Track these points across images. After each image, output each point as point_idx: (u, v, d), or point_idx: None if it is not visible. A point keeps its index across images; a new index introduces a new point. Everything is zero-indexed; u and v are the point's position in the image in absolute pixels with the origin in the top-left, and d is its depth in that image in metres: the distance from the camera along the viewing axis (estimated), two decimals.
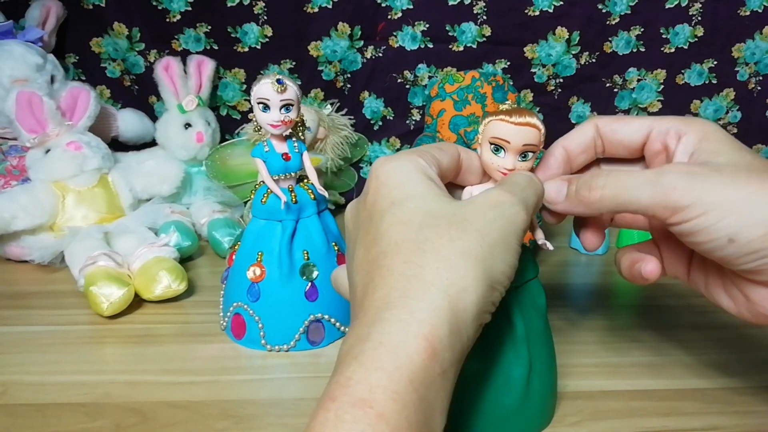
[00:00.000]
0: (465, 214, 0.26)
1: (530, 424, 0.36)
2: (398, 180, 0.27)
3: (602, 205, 0.30)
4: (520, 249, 0.27)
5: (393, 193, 0.27)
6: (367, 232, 0.27)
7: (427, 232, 0.25)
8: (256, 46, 0.78)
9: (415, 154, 0.28)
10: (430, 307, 0.23)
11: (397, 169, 0.27)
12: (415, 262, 0.24)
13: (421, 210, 0.26)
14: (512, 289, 0.34)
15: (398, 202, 0.26)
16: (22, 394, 0.39)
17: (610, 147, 0.34)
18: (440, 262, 0.24)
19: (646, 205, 0.28)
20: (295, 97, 0.42)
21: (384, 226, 0.26)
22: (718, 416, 0.38)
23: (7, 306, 0.52)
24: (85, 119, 0.66)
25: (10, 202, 0.59)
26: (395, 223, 0.26)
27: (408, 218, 0.26)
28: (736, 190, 0.27)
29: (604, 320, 0.52)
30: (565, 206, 0.32)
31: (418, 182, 0.27)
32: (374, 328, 0.23)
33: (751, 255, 0.27)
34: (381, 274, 0.25)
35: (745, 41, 0.79)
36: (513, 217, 0.27)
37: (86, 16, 0.76)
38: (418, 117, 0.84)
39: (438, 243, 0.25)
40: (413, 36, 0.79)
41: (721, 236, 0.27)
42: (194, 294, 0.55)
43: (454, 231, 0.25)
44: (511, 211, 0.27)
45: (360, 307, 0.25)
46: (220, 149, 0.74)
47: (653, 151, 0.33)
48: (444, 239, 0.25)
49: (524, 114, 0.31)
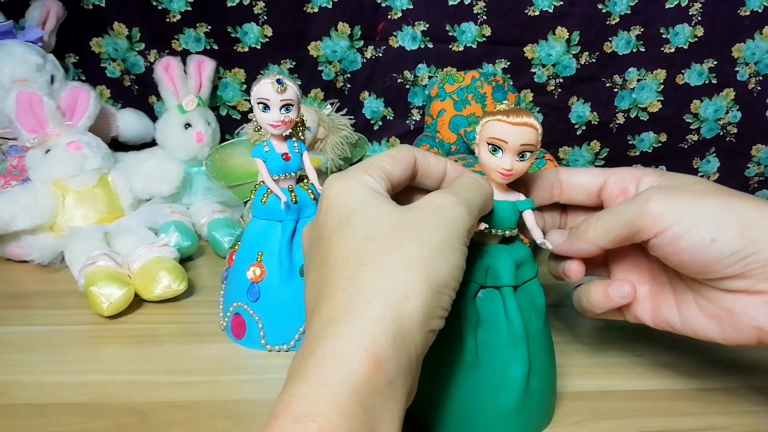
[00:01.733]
0: (405, 221, 0.26)
1: (530, 424, 0.36)
2: (345, 198, 0.28)
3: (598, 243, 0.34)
4: (465, 249, 0.28)
5: (340, 211, 0.27)
6: (317, 252, 0.28)
7: (368, 245, 0.26)
8: (256, 46, 0.78)
9: (363, 170, 0.29)
10: (371, 318, 0.23)
11: (345, 188, 0.28)
12: (357, 276, 0.25)
13: (364, 224, 0.26)
14: (512, 289, 0.34)
15: (344, 219, 0.27)
16: (22, 394, 0.39)
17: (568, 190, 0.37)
18: (380, 274, 0.25)
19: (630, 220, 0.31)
20: (295, 97, 0.42)
21: (332, 245, 0.27)
22: (718, 416, 0.38)
23: (7, 306, 0.52)
24: (85, 119, 0.66)
25: (10, 202, 0.59)
26: (341, 241, 0.26)
27: (352, 234, 0.26)
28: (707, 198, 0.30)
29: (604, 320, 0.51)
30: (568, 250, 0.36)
31: (363, 198, 0.28)
32: (318, 344, 0.23)
33: (735, 255, 0.29)
34: (327, 293, 0.25)
35: (745, 41, 0.79)
36: (454, 218, 0.27)
37: (86, 16, 0.76)
38: (418, 117, 0.84)
39: (378, 255, 0.25)
40: (413, 36, 0.79)
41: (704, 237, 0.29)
42: (194, 294, 0.55)
43: (394, 240, 0.25)
44: (452, 212, 0.27)
45: (308, 325, 0.26)
46: (220, 149, 0.74)
47: (611, 195, 0.35)
48: (384, 250, 0.25)
49: (522, 114, 0.31)
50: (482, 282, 0.34)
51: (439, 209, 0.27)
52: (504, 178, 0.32)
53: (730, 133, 0.85)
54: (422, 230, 0.26)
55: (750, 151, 0.86)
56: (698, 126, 0.84)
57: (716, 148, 0.86)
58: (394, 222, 0.26)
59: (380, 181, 0.29)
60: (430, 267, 0.25)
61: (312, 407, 0.21)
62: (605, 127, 0.84)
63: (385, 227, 0.26)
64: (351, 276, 0.25)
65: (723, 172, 0.87)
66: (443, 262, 0.26)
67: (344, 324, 0.24)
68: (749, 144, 0.86)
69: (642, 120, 0.84)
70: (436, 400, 0.35)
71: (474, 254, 0.34)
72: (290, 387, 0.22)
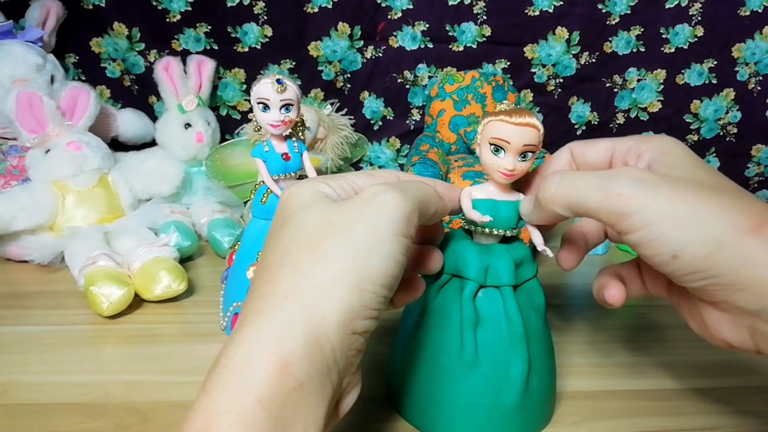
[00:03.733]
0: (332, 216, 0.25)
1: (529, 423, 0.36)
2: (291, 200, 0.27)
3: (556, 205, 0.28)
4: (403, 240, 0.25)
5: (282, 213, 0.26)
6: None
7: (291, 247, 0.24)
8: (256, 46, 0.78)
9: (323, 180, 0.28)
10: (280, 320, 0.22)
11: (296, 191, 0.27)
12: (276, 279, 0.24)
13: (295, 226, 0.25)
14: (511, 289, 0.34)
15: (281, 222, 0.26)
16: (22, 394, 0.39)
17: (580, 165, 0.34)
18: (296, 274, 0.23)
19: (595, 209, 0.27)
20: (295, 97, 0.42)
21: (266, 249, 0.26)
22: (718, 416, 0.38)
23: (7, 306, 0.52)
24: (85, 119, 0.66)
25: (10, 202, 0.59)
26: (272, 243, 0.26)
27: (281, 237, 0.25)
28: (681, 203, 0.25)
29: (604, 320, 0.52)
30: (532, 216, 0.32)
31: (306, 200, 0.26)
32: (223, 353, 0.22)
33: (696, 274, 0.26)
34: (248, 299, 0.24)
35: (745, 41, 0.79)
36: (384, 206, 0.25)
37: (86, 16, 0.76)
38: (418, 117, 0.84)
39: (298, 255, 0.24)
40: (413, 36, 0.79)
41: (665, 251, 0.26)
42: (194, 294, 0.55)
43: (316, 239, 0.24)
44: (381, 201, 0.25)
45: None
46: (220, 149, 0.74)
47: None
48: (304, 250, 0.24)
49: (524, 114, 0.31)
50: (482, 281, 0.34)
51: (367, 200, 0.25)
52: (506, 178, 0.32)
53: (730, 133, 0.85)
54: (346, 225, 0.24)
55: (750, 151, 0.86)
56: (698, 126, 0.84)
57: (716, 148, 0.86)
58: (320, 219, 0.25)
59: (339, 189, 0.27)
60: (350, 263, 0.24)
61: (210, 420, 0.20)
62: (605, 127, 0.84)
63: (311, 226, 0.25)
64: (270, 279, 0.24)
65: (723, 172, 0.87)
66: (369, 256, 0.24)
67: (250, 328, 0.22)
68: (749, 144, 0.86)
69: (642, 120, 0.84)
70: (436, 399, 0.35)
71: (474, 254, 0.34)
72: (195, 402, 0.21)
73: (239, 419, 0.20)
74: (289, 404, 0.21)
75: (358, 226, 0.24)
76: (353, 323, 0.24)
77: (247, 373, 0.21)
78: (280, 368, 0.21)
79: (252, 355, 0.21)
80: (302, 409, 0.22)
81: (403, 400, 0.37)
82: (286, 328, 0.22)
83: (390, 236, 0.25)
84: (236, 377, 0.21)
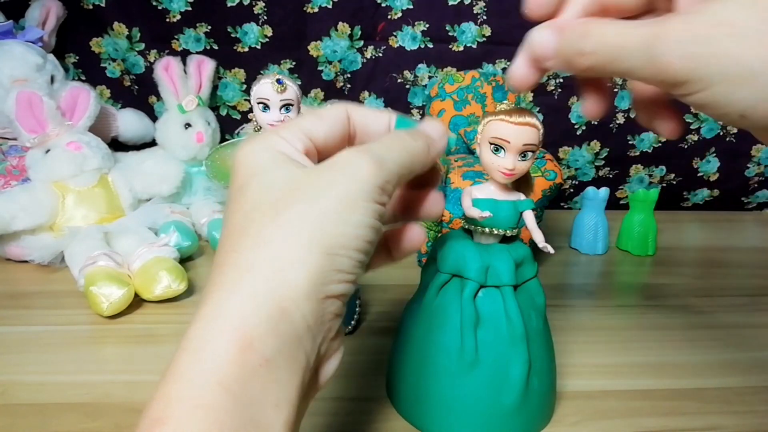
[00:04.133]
0: (298, 182, 0.23)
1: (530, 423, 0.36)
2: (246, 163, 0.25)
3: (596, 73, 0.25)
4: (376, 207, 0.24)
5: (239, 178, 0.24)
6: None
7: (254, 214, 0.23)
8: (256, 46, 0.78)
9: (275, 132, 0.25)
10: (241, 294, 0.21)
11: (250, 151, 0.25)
12: (238, 249, 0.22)
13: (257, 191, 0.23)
14: (512, 289, 0.34)
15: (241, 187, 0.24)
16: (22, 394, 0.39)
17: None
18: (260, 244, 0.22)
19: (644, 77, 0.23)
20: (295, 97, 0.42)
21: (226, 217, 0.24)
22: (718, 416, 0.38)
23: (7, 306, 0.52)
24: (85, 119, 0.66)
25: (10, 202, 0.59)
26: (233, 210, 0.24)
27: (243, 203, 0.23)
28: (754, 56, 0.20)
29: (604, 320, 0.52)
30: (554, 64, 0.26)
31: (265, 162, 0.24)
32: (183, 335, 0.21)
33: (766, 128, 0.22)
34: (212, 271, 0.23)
35: None
36: (356, 173, 0.23)
37: (86, 16, 0.76)
38: (418, 117, 0.84)
39: (261, 222, 0.22)
40: (413, 36, 0.79)
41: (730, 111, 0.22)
42: (194, 294, 0.55)
43: (280, 205, 0.22)
44: (353, 168, 0.23)
45: None
46: (220, 149, 0.73)
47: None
48: (267, 217, 0.22)
49: (524, 114, 0.31)
50: (482, 281, 0.34)
51: (337, 165, 0.24)
52: (506, 177, 0.32)
53: (730, 133, 0.85)
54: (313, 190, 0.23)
55: (750, 151, 0.86)
56: (698, 126, 0.84)
57: (716, 148, 0.86)
58: (285, 185, 0.23)
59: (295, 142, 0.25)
60: (318, 230, 0.22)
61: (165, 408, 0.19)
62: (605, 127, 0.84)
63: (276, 192, 0.23)
64: (232, 249, 0.22)
65: (723, 172, 0.87)
66: (337, 221, 0.22)
67: (209, 305, 0.21)
68: (749, 144, 0.86)
69: None
70: (437, 399, 0.35)
71: (474, 254, 0.34)
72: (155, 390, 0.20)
73: (198, 404, 0.19)
74: (255, 382, 0.20)
75: (326, 193, 0.23)
76: (326, 287, 0.22)
77: (206, 354, 0.20)
78: (242, 346, 0.20)
79: (212, 334, 0.20)
80: (271, 385, 0.20)
81: (404, 400, 0.37)
82: (248, 302, 0.21)
83: (362, 203, 0.23)
84: (194, 360, 0.20)
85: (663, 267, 0.66)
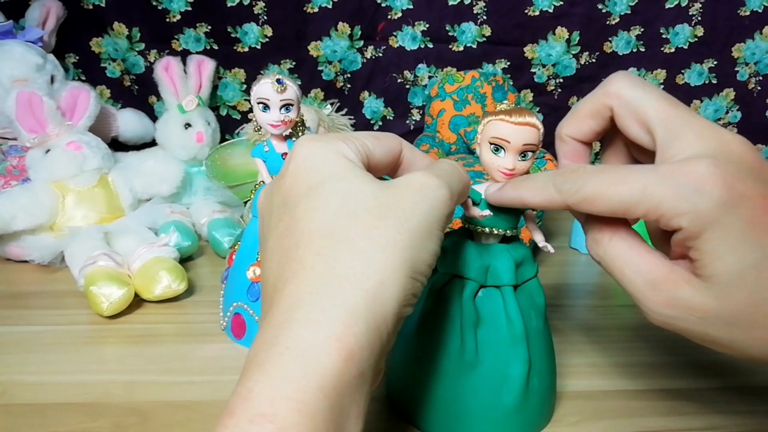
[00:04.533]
0: (385, 197, 0.24)
1: (530, 423, 0.36)
2: (316, 163, 0.25)
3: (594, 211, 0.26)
4: (442, 236, 0.25)
5: (310, 176, 0.24)
6: (280, 219, 0.25)
7: (342, 220, 0.23)
8: (256, 46, 0.79)
9: (339, 138, 0.26)
10: (344, 304, 0.21)
11: (318, 151, 0.25)
12: (329, 254, 0.22)
13: (339, 195, 0.24)
14: (512, 289, 0.34)
15: (315, 186, 0.24)
16: (22, 394, 0.39)
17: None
18: (355, 254, 0.22)
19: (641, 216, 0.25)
20: (295, 97, 0.42)
21: (299, 213, 0.24)
22: (718, 416, 0.38)
23: (7, 306, 0.52)
24: (85, 119, 0.66)
25: (10, 202, 0.59)
26: (310, 210, 0.23)
27: (324, 204, 0.23)
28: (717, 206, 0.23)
29: (604, 320, 0.52)
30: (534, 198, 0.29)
31: (338, 165, 0.25)
32: (282, 332, 0.21)
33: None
34: (292, 269, 0.22)
35: (745, 41, 0.79)
36: (436, 201, 0.25)
37: (86, 16, 0.76)
38: (418, 117, 0.84)
39: (354, 232, 0.23)
40: (413, 36, 0.79)
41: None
42: (194, 294, 0.55)
43: (372, 218, 0.23)
44: (434, 195, 0.25)
45: (269, 305, 0.23)
46: (220, 149, 0.74)
47: None
48: (360, 228, 0.23)
49: (524, 114, 0.31)
50: (482, 281, 0.34)
51: (421, 189, 0.25)
52: (506, 177, 0.32)
53: None
54: (402, 210, 0.23)
55: None
56: None
57: None
58: (372, 198, 0.23)
59: (357, 153, 0.26)
60: (408, 251, 0.23)
61: (271, 405, 0.19)
62: None
63: (361, 202, 0.23)
64: (321, 252, 0.22)
65: None
66: (422, 247, 0.24)
67: (312, 309, 0.21)
68: None
69: None
70: (436, 399, 0.35)
71: (474, 254, 0.34)
72: (248, 379, 0.20)
73: (300, 407, 0.19)
74: (348, 392, 0.20)
75: (415, 215, 0.24)
76: (403, 309, 0.23)
77: (311, 359, 0.20)
78: (345, 356, 0.20)
79: (317, 339, 0.20)
80: (357, 396, 0.21)
81: (403, 400, 0.37)
82: (350, 314, 0.21)
83: (437, 232, 0.25)
84: (300, 362, 0.20)
85: None
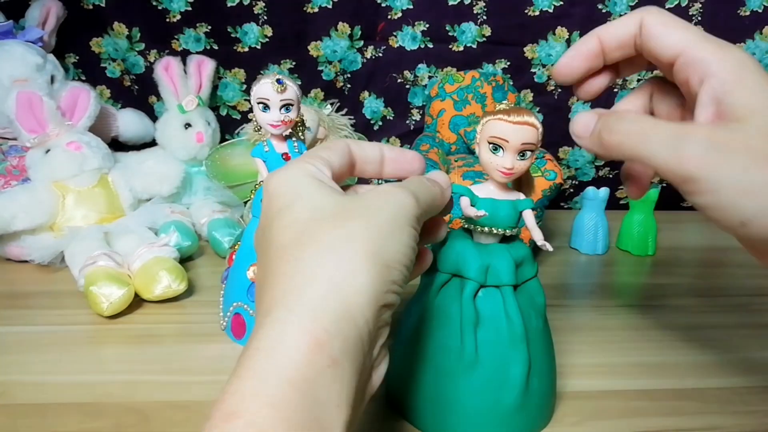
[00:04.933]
0: (351, 203, 0.25)
1: (529, 423, 0.36)
2: (285, 188, 0.26)
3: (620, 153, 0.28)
4: (415, 233, 0.26)
5: (280, 200, 0.26)
6: (260, 246, 0.27)
7: (310, 228, 0.24)
8: (256, 46, 0.78)
9: (303, 161, 0.28)
10: (310, 298, 0.22)
11: (284, 178, 0.27)
12: (298, 257, 0.24)
13: (307, 209, 0.25)
14: (512, 289, 0.34)
15: (285, 207, 0.26)
16: (22, 394, 0.39)
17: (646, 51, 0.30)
18: (322, 251, 0.23)
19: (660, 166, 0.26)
20: (295, 97, 0.42)
21: (272, 234, 0.25)
22: (718, 416, 0.38)
23: (7, 306, 0.52)
24: (85, 119, 0.66)
25: (10, 202, 0.59)
26: (282, 227, 0.25)
27: (293, 220, 0.25)
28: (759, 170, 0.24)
29: (604, 320, 0.52)
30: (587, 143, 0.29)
31: (305, 186, 0.26)
32: (254, 336, 0.22)
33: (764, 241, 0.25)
34: (269, 282, 0.24)
35: (745, 41, 0.79)
36: (401, 202, 0.26)
37: (86, 16, 0.76)
38: (418, 117, 0.84)
39: (320, 234, 0.24)
40: (413, 36, 0.79)
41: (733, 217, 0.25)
42: (194, 294, 0.55)
43: (338, 220, 0.24)
44: (398, 198, 0.26)
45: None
46: (220, 149, 0.74)
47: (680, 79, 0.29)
48: (326, 228, 0.24)
49: (522, 113, 0.31)
50: (482, 281, 0.34)
51: (385, 195, 0.26)
52: (505, 177, 0.32)
53: None
54: (368, 210, 0.25)
55: None
56: None
57: None
58: (339, 206, 0.25)
59: (322, 168, 0.28)
60: (377, 242, 0.24)
61: (240, 403, 0.20)
62: None
63: (328, 212, 0.25)
64: (290, 259, 0.24)
65: None
66: (392, 239, 0.25)
67: (281, 309, 0.22)
68: None
69: None
70: (436, 399, 0.35)
71: (474, 253, 0.34)
72: (226, 386, 0.21)
73: (269, 401, 0.20)
74: (322, 382, 0.21)
75: (380, 213, 0.25)
76: (384, 296, 0.24)
77: (280, 354, 0.21)
78: (314, 347, 0.21)
79: (284, 335, 0.21)
80: (335, 385, 0.22)
81: (403, 399, 0.37)
82: (317, 306, 0.22)
83: (407, 227, 0.26)
84: (268, 360, 0.21)
85: (663, 267, 0.66)
